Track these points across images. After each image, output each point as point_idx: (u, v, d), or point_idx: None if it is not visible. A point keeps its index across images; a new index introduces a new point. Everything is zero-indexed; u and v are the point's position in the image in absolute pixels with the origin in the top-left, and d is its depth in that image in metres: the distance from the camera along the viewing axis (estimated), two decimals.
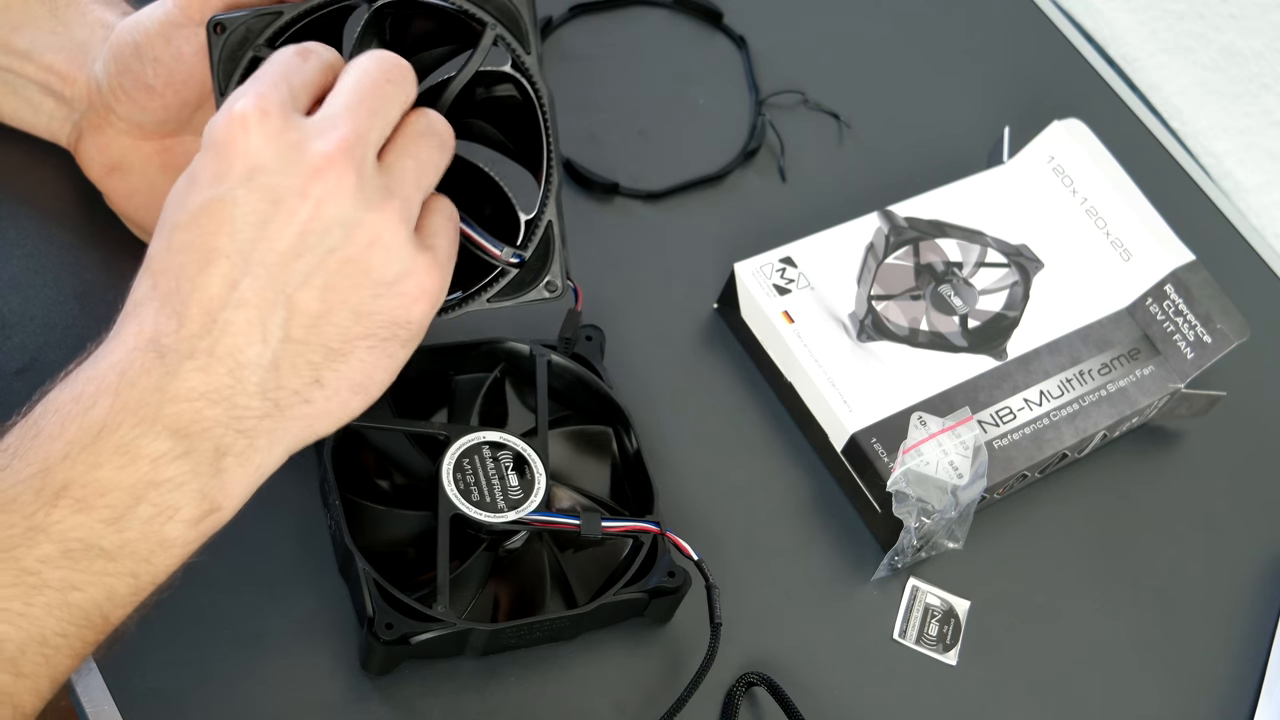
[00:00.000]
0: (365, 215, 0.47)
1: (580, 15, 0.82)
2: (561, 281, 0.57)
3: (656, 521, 0.60)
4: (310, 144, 0.47)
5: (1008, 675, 0.65)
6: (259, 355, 0.47)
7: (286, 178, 0.47)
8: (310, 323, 0.47)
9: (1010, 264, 0.73)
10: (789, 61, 0.84)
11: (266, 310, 0.47)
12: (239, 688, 0.56)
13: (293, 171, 0.47)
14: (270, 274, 0.47)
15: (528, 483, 0.59)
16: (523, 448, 0.60)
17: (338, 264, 0.47)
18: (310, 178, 0.47)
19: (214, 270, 0.46)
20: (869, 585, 0.65)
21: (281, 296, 0.47)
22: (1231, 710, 0.66)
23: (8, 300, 0.62)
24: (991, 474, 0.64)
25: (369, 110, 0.49)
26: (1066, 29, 0.92)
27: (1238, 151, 0.91)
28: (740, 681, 0.60)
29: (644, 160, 0.77)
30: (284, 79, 0.48)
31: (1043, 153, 0.76)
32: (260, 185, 0.46)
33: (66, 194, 0.65)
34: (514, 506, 0.58)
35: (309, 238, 0.47)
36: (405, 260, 0.48)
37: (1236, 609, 0.70)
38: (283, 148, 0.47)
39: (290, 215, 0.47)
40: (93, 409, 0.45)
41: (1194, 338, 0.71)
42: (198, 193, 0.47)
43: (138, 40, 0.58)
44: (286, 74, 0.49)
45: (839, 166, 0.80)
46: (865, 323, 0.69)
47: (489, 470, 0.59)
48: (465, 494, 0.58)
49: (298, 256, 0.47)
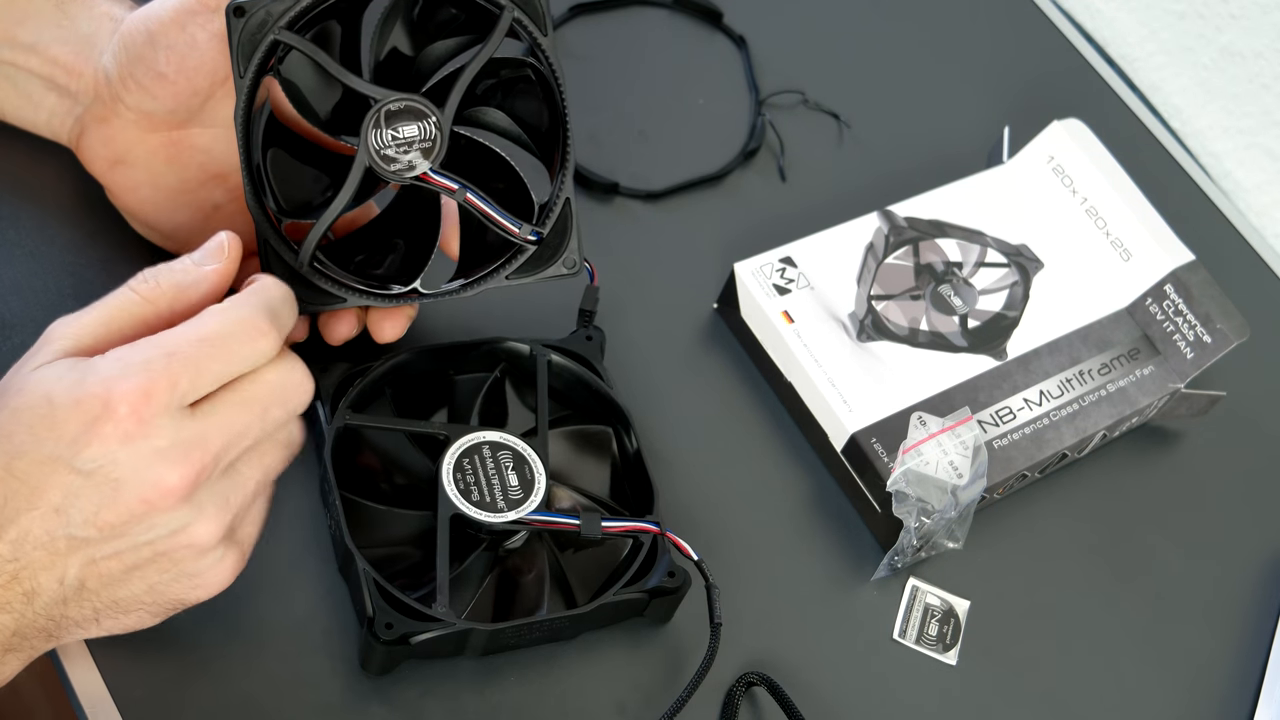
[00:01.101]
0: (194, 523, 0.50)
1: (580, 15, 0.82)
2: (579, 258, 0.58)
3: (656, 521, 0.60)
4: (169, 464, 0.48)
5: (1008, 675, 0.65)
6: (53, 592, 0.49)
7: (135, 478, 0.48)
8: (105, 583, 0.50)
9: (1010, 264, 0.73)
10: (789, 61, 0.84)
11: (72, 562, 0.48)
12: (239, 687, 0.56)
13: (143, 479, 0.48)
14: (85, 539, 0.48)
15: (528, 483, 0.59)
16: (523, 448, 0.60)
17: (151, 553, 0.50)
18: (156, 494, 0.48)
19: (38, 515, 0.47)
20: (869, 585, 0.65)
21: (89, 557, 0.49)
22: (1231, 710, 0.66)
23: (8, 301, 0.62)
24: (991, 474, 0.64)
25: (242, 430, 0.50)
26: (1066, 29, 0.92)
27: (1238, 151, 0.91)
28: (740, 681, 0.60)
29: (644, 160, 0.77)
30: (185, 373, 0.49)
31: (1043, 153, 0.76)
32: (109, 474, 0.47)
33: (67, 195, 0.65)
34: (514, 506, 0.58)
35: (133, 527, 0.49)
36: (213, 559, 0.51)
37: (1236, 609, 0.70)
38: (145, 453, 0.48)
39: (124, 508, 0.48)
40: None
41: (1194, 338, 0.71)
42: (55, 436, 0.47)
43: (151, 28, 0.58)
44: (192, 366, 0.49)
45: (839, 166, 0.80)
46: (865, 322, 0.69)
47: (489, 470, 0.59)
48: (465, 494, 0.58)
49: (118, 536, 0.49)
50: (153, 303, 0.52)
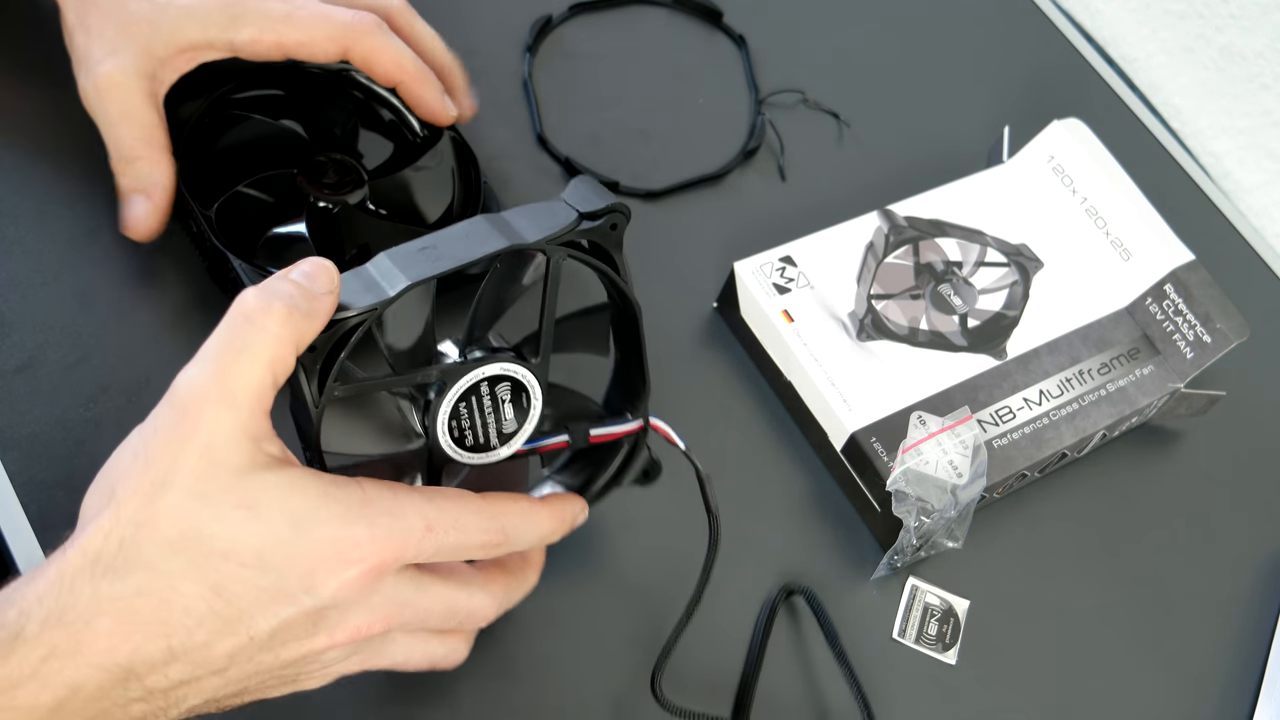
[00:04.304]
0: (337, 664, 0.49)
1: (580, 14, 0.82)
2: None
3: (642, 418, 0.58)
4: (371, 616, 0.47)
5: (1007, 675, 0.65)
6: (198, 707, 0.46)
7: (339, 620, 0.47)
8: (229, 695, 0.47)
9: (1010, 263, 0.73)
10: (789, 61, 0.84)
11: (237, 685, 0.46)
12: None
13: (343, 622, 0.47)
14: (257, 670, 0.46)
15: (523, 411, 0.55)
16: (522, 375, 0.54)
17: (292, 674, 0.48)
18: (344, 636, 0.47)
19: (226, 644, 0.45)
20: (868, 584, 0.65)
21: (242, 683, 0.47)
22: (1231, 710, 0.66)
23: (7, 298, 0.62)
24: (991, 473, 0.64)
25: (426, 619, 0.50)
26: (1066, 29, 0.92)
27: (1238, 151, 0.91)
28: (781, 591, 0.63)
29: (644, 159, 0.77)
30: (428, 550, 0.48)
31: (1043, 152, 0.76)
32: (322, 614, 0.46)
33: (66, 191, 0.65)
34: (507, 440, 0.55)
35: (305, 660, 0.47)
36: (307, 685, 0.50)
37: (1236, 609, 0.70)
38: (362, 604, 0.47)
39: (309, 645, 0.47)
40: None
41: (1194, 337, 0.71)
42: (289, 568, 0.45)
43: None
44: (433, 546, 0.48)
45: (839, 166, 0.80)
46: (865, 322, 0.69)
47: (485, 409, 0.54)
48: (459, 441, 0.54)
49: (286, 665, 0.47)
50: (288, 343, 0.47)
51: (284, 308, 0.46)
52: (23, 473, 0.58)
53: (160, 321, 0.64)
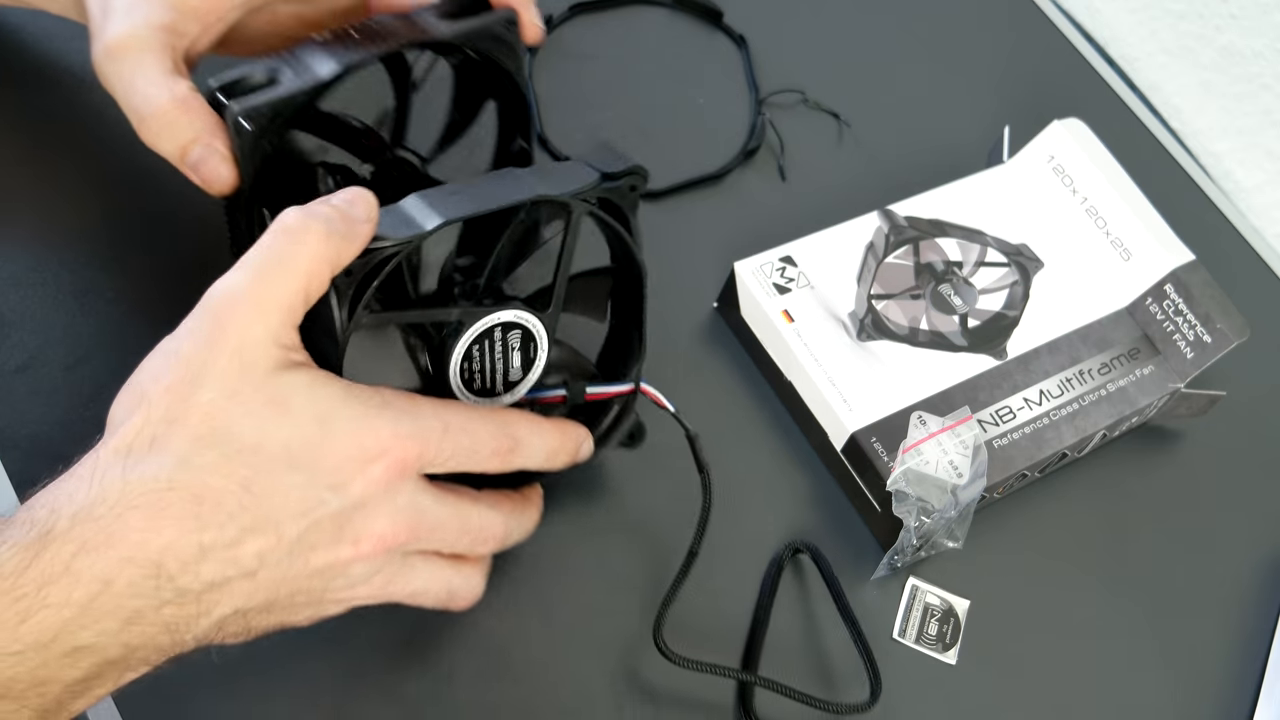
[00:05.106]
0: (360, 583, 0.49)
1: (580, 14, 0.82)
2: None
3: (633, 381, 0.60)
4: (390, 521, 0.48)
5: (1008, 675, 0.65)
6: (228, 620, 0.47)
7: (363, 525, 0.47)
8: (260, 612, 0.48)
9: (1010, 263, 0.73)
10: (789, 61, 0.84)
11: (265, 594, 0.47)
12: (239, 686, 0.56)
13: (368, 527, 0.48)
14: (287, 576, 0.47)
15: (529, 361, 0.57)
16: (533, 325, 0.56)
17: (320, 595, 0.49)
18: (369, 544, 0.48)
19: (256, 542, 0.45)
20: (868, 584, 0.65)
21: (282, 593, 0.47)
22: (1231, 710, 0.66)
23: (7, 298, 0.62)
24: (991, 473, 0.64)
25: (448, 537, 0.51)
26: (1066, 29, 0.92)
27: (1238, 151, 0.91)
28: (787, 548, 0.64)
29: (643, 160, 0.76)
30: (445, 451, 0.49)
31: (1043, 152, 0.76)
32: (348, 514, 0.47)
33: (66, 191, 0.65)
34: (510, 388, 0.57)
35: (332, 571, 0.48)
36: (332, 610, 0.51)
37: (1236, 609, 0.70)
38: (385, 505, 0.48)
39: (336, 552, 0.47)
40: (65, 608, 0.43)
41: (1194, 337, 0.71)
42: (315, 464, 0.46)
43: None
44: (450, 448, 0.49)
45: (839, 166, 0.80)
46: (865, 322, 0.69)
47: (495, 353, 0.56)
48: (468, 384, 0.55)
49: (314, 575, 0.48)
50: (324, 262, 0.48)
51: (324, 228, 0.47)
52: (23, 473, 0.58)
53: (161, 322, 0.64)
